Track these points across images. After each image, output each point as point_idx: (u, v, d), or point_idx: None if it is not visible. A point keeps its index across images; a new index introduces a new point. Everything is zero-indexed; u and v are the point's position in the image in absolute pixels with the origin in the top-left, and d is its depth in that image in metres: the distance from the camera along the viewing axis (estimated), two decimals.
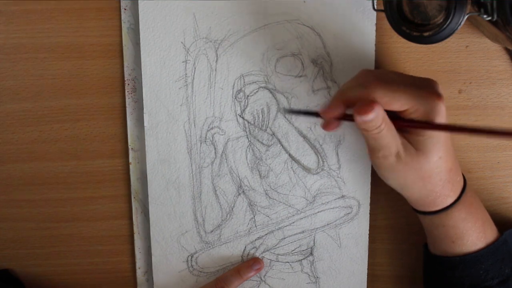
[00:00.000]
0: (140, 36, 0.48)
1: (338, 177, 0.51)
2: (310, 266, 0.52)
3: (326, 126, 0.43)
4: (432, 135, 0.41)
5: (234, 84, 0.49)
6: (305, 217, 0.51)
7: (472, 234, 0.45)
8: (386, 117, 0.39)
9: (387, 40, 0.49)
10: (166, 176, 0.50)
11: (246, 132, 0.50)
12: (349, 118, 0.40)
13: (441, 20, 0.40)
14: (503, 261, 0.45)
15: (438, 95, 0.40)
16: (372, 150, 0.42)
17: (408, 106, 0.40)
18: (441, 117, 0.40)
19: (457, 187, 0.44)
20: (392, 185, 0.44)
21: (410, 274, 0.54)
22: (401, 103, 0.40)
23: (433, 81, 0.42)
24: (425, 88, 0.40)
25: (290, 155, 0.50)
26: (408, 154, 0.41)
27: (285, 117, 0.50)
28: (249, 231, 0.52)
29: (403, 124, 0.41)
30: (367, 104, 0.38)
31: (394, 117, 0.40)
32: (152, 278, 0.53)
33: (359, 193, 0.51)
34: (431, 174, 0.42)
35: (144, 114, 0.49)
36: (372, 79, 0.40)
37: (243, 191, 0.51)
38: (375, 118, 0.38)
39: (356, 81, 0.41)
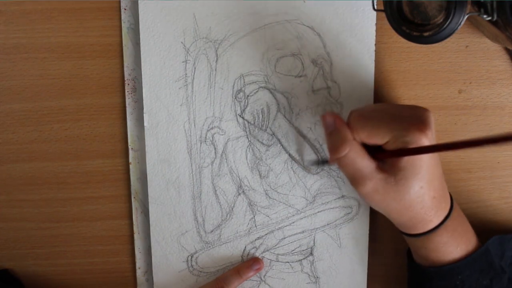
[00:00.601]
0: (140, 36, 0.48)
1: (338, 177, 0.51)
2: (310, 266, 0.52)
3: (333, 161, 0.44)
4: (410, 165, 0.41)
5: (234, 84, 0.49)
6: (305, 217, 0.51)
7: (452, 256, 0.45)
8: (356, 146, 0.42)
9: (387, 40, 0.49)
10: (166, 176, 0.50)
11: (246, 132, 0.50)
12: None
13: (441, 20, 0.40)
14: (481, 273, 0.45)
15: (420, 127, 0.40)
16: (348, 178, 0.43)
17: (388, 139, 0.41)
18: (418, 146, 0.40)
19: (441, 213, 0.43)
20: (380, 211, 0.44)
21: None
22: (380, 137, 0.41)
23: (422, 110, 0.42)
24: (409, 119, 0.41)
25: (290, 155, 0.50)
26: (386, 185, 0.41)
27: (285, 117, 0.50)
28: (249, 231, 0.52)
29: (380, 155, 0.42)
30: (330, 113, 0.43)
31: (375, 150, 0.42)
32: (152, 278, 0.53)
33: None
34: (412, 204, 0.42)
35: (144, 114, 0.49)
36: (353, 115, 0.43)
37: (243, 191, 0.51)
38: (335, 134, 0.42)
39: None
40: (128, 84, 0.50)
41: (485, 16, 0.40)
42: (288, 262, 0.52)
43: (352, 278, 0.53)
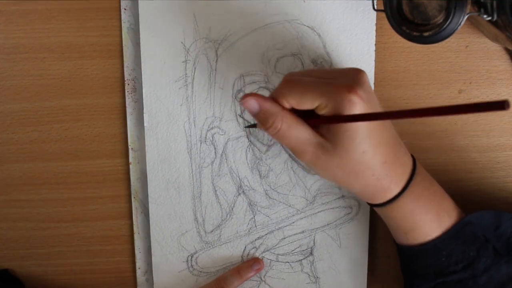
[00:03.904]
0: (140, 36, 0.48)
1: None
2: (310, 266, 0.52)
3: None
4: (345, 129, 0.39)
5: (234, 84, 0.49)
6: (305, 217, 0.51)
7: (424, 225, 0.43)
8: (287, 116, 0.40)
9: (387, 40, 0.49)
10: (166, 176, 0.50)
11: (246, 132, 0.50)
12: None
13: (441, 20, 0.40)
14: (465, 244, 0.43)
15: (349, 87, 0.38)
16: (290, 150, 0.42)
17: (318, 103, 0.39)
18: (353, 109, 0.38)
19: (399, 179, 0.41)
20: (330, 181, 0.43)
21: None
22: (310, 102, 0.39)
23: (354, 70, 0.40)
24: (339, 80, 0.39)
25: (290, 155, 0.50)
26: (326, 152, 0.40)
27: None
28: (249, 231, 0.52)
29: (312, 121, 0.41)
30: (246, 95, 0.41)
31: (309, 115, 0.41)
32: (152, 278, 0.53)
33: None
34: (359, 171, 0.40)
35: (144, 114, 0.49)
36: (283, 81, 0.41)
37: (243, 191, 0.51)
38: (262, 114, 0.40)
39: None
40: (128, 84, 0.50)
41: (485, 16, 0.40)
42: (288, 262, 0.52)
43: (352, 278, 0.53)
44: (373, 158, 0.40)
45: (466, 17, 0.39)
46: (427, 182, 0.44)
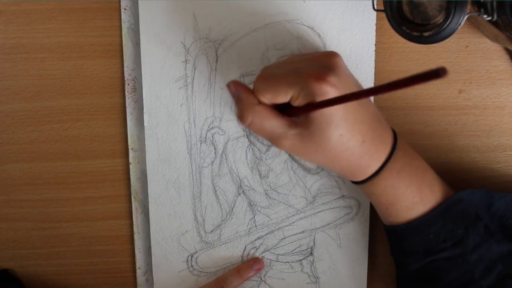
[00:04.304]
0: (140, 36, 0.48)
1: (338, 177, 0.51)
2: (310, 266, 0.52)
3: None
4: (320, 115, 0.39)
5: None
6: (305, 217, 0.51)
7: (404, 199, 0.43)
8: (259, 110, 0.41)
9: (387, 40, 0.49)
10: (166, 176, 0.50)
11: (246, 132, 0.50)
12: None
13: (441, 20, 0.40)
14: (454, 222, 0.43)
15: (317, 76, 0.38)
16: (268, 141, 0.43)
17: (290, 95, 0.40)
18: (324, 97, 0.38)
19: (378, 156, 0.42)
20: (312, 164, 0.43)
21: None
22: (282, 95, 0.40)
23: (326, 56, 0.40)
24: (308, 69, 0.39)
25: (290, 155, 0.50)
26: (303, 139, 0.40)
27: None
28: (249, 231, 0.52)
29: (290, 112, 0.41)
30: (231, 82, 0.43)
31: (288, 107, 0.41)
32: (152, 278, 0.53)
33: (359, 193, 0.51)
34: (338, 153, 0.41)
35: (144, 114, 0.49)
36: (256, 77, 0.42)
37: (243, 191, 0.51)
38: (239, 104, 0.42)
39: None
40: (128, 84, 0.50)
41: (485, 16, 0.40)
42: (288, 262, 0.52)
43: (352, 278, 0.53)
44: (350, 139, 0.40)
45: (466, 17, 0.39)
46: (409, 158, 0.44)
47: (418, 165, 0.44)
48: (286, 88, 0.40)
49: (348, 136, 0.40)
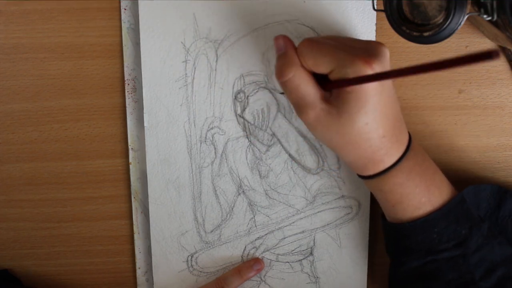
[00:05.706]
0: (140, 36, 0.48)
1: (338, 177, 0.51)
2: (310, 266, 0.52)
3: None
4: (354, 98, 0.39)
5: (234, 84, 0.49)
6: (305, 217, 0.51)
7: (412, 198, 0.43)
8: (301, 70, 0.41)
9: (387, 40, 0.49)
10: (166, 176, 0.50)
11: (246, 132, 0.50)
12: None
13: (441, 20, 0.40)
14: (458, 222, 0.43)
15: (365, 59, 0.38)
16: (293, 106, 0.42)
17: (332, 68, 0.40)
18: None
19: (392, 153, 0.42)
20: (325, 145, 0.43)
21: None
22: (325, 65, 0.40)
23: (376, 44, 0.40)
24: (358, 50, 0.39)
25: (290, 155, 0.50)
26: (329, 116, 0.40)
27: (285, 117, 0.50)
28: (249, 231, 0.52)
29: (326, 86, 0.41)
30: (279, 35, 0.43)
31: (325, 80, 0.41)
32: (152, 278, 0.53)
33: (359, 193, 0.51)
34: (357, 141, 0.40)
35: (144, 114, 0.49)
36: (303, 41, 0.41)
37: (243, 191, 0.51)
38: (282, 58, 0.41)
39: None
40: (128, 84, 0.50)
41: (485, 16, 0.40)
42: (288, 262, 0.52)
43: (352, 278, 0.53)
44: (374, 130, 0.40)
45: (466, 17, 0.39)
46: (420, 158, 0.44)
47: (428, 166, 0.44)
48: (331, 59, 0.39)
49: (373, 127, 0.40)
